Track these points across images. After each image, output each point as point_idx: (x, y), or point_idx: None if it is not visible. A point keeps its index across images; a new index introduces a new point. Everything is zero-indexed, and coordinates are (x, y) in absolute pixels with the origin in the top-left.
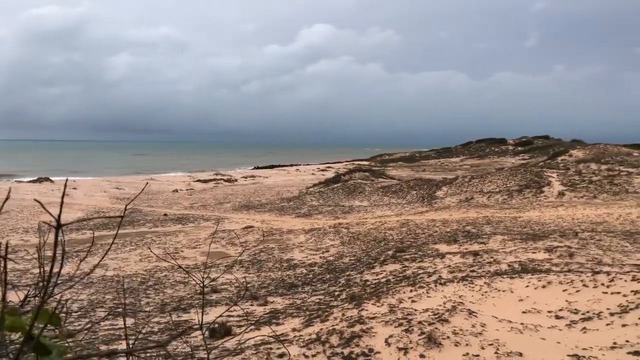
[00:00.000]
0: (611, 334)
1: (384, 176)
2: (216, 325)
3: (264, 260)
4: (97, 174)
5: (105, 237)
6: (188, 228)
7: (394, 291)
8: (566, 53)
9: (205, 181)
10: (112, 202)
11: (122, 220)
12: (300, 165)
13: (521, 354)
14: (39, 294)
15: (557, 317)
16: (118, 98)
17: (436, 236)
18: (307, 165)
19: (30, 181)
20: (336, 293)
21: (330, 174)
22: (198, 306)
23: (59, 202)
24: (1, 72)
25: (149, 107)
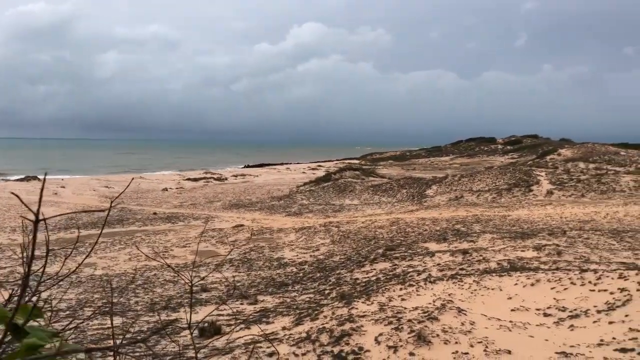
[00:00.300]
0: (598, 331)
1: (375, 175)
2: (206, 324)
3: (254, 259)
4: (87, 173)
5: (94, 236)
6: (178, 227)
7: (384, 289)
8: (554, 53)
9: (195, 180)
10: (101, 201)
11: (108, 218)
12: (290, 163)
13: (510, 352)
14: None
15: (545, 315)
16: (107, 96)
17: (426, 234)
18: (298, 163)
19: (17, 180)
20: (326, 291)
21: (320, 173)
22: (188, 305)
23: (48, 201)
24: None
25: (139, 106)
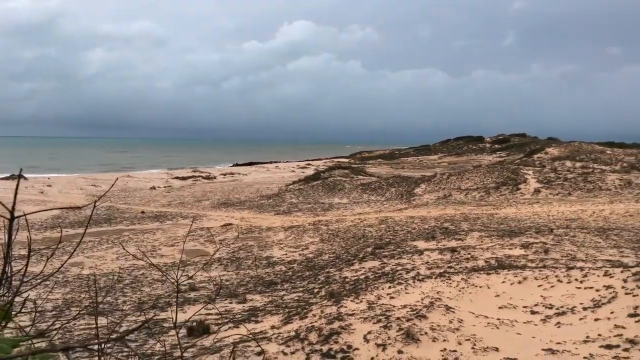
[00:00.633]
0: (584, 328)
1: (364, 173)
2: (194, 323)
3: (243, 257)
4: (73, 171)
5: (81, 235)
6: (166, 226)
7: (373, 288)
8: (542, 52)
9: (183, 178)
10: (88, 200)
11: (96, 217)
12: (279, 162)
13: (497, 349)
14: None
15: (533, 312)
16: (94, 94)
17: (414, 233)
18: (287, 162)
19: (2, 178)
20: (315, 290)
21: (310, 171)
22: (176, 304)
23: (33, 200)
24: None
25: (126, 103)
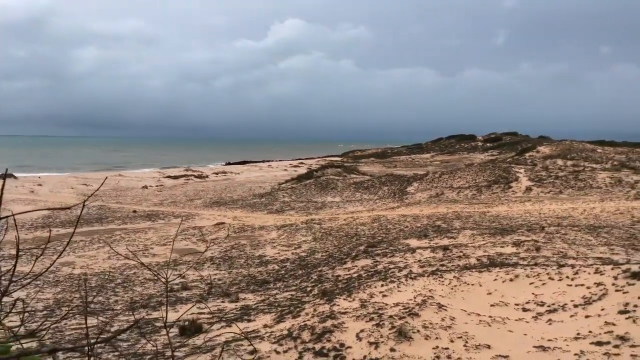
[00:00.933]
0: (575, 325)
1: (356, 172)
2: (186, 322)
3: (236, 256)
4: (65, 170)
5: (74, 234)
6: (158, 225)
7: (366, 286)
8: (533, 51)
9: (175, 177)
10: (79, 199)
11: (87, 216)
12: (272, 161)
13: (489, 346)
14: None
15: (524, 310)
16: (85, 92)
17: (407, 231)
18: (280, 161)
19: None
20: (308, 289)
21: (302, 170)
22: (168, 303)
23: (24, 199)
24: None
25: (118, 102)
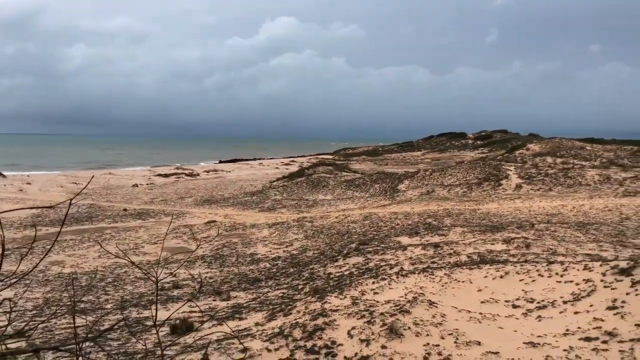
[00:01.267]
0: (564, 321)
1: (348, 170)
2: (177, 321)
3: (227, 255)
4: (54, 169)
5: (63, 233)
6: (149, 223)
7: (357, 283)
8: (524, 49)
9: (166, 175)
10: (69, 197)
11: (77, 215)
12: (263, 159)
13: (480, 343)
14: None
15: (514, 306)
16: (75, 90)
17: (398, 229)
18: (271, 159)
19: None
20: (300, 287)
21: (294, 168)
22: (158, 302)
23: (12, 198)
24: None
25: (108, 100)
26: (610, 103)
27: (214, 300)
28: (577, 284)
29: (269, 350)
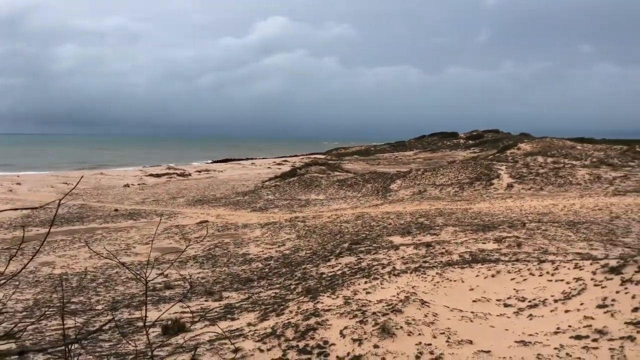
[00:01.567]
0: (555, 320)
1: (340, 170)
2: (169, 322)
3: (219, 255)
4: (45, 169)
5: (54, 234)
6: (140, 223)
7: (349, 283)
8: (516, 49)
9: (157, 175)
10: (59, 198)
11: (68, 215)
12: (255, 159)
13: (471, 342)
14: None
15: (506, 305)
16: (67, 90)
17: (390, 228)
18: (263, 159)
19: None
20: (292, 286)
21: (286, 168)
22: (150, 303)
23: (2, 198)
24: None
25: (101, 100)
26: (600, 103)
27: (206, 300)
28: (568, 283)
29: (261, 350)
